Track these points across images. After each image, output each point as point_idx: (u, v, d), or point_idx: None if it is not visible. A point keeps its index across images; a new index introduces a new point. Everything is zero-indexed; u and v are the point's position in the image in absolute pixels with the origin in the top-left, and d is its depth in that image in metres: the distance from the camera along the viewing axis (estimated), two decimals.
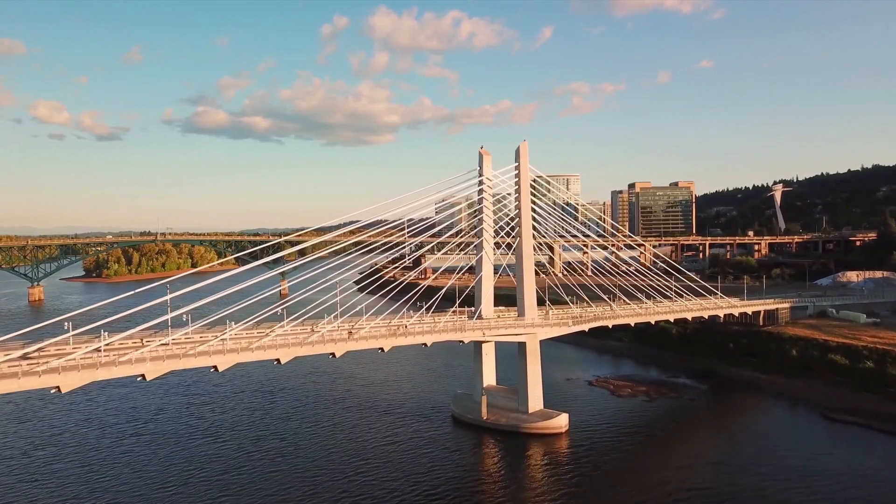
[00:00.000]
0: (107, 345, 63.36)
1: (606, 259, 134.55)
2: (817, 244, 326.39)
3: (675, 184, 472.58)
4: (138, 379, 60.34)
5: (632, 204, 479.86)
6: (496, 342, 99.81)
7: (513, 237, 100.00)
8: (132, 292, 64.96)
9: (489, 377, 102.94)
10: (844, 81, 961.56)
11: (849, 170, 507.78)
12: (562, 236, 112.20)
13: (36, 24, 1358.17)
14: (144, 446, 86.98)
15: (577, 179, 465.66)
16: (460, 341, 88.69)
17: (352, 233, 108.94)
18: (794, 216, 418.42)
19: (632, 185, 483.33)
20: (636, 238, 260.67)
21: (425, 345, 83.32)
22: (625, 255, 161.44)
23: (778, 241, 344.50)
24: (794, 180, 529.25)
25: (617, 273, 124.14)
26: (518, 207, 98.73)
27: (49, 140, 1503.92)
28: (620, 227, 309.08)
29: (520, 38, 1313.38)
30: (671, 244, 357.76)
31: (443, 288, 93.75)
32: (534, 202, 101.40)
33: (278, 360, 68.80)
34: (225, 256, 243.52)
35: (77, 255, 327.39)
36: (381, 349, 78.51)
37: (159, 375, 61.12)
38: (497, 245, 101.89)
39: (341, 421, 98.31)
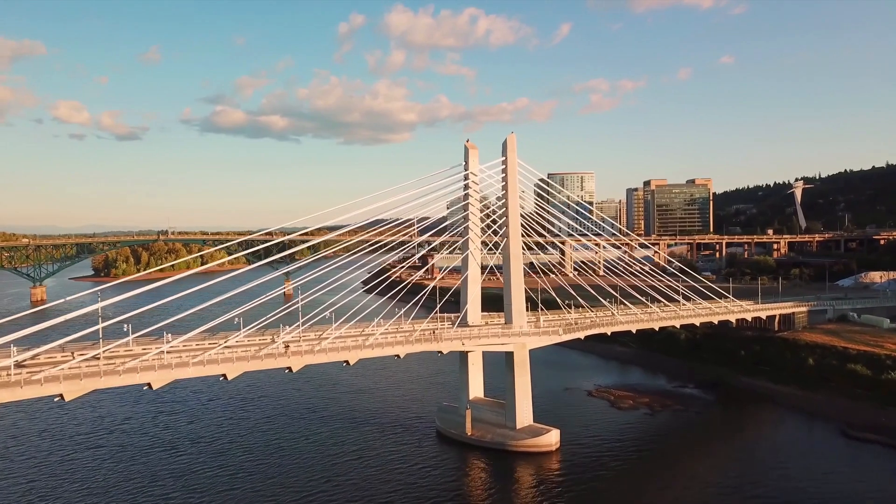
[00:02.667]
0: (32, 357, 57.33)
1: (611, 262, 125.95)
2: (839, 243, 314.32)
3: (692, 181, 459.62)
4: (55, 399, 53.99)
5: (647, 202, 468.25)
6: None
7: (500, 236, 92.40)
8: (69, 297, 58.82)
9: (476, 389, 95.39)
10: (868, 77, 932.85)
11: (873, 166, 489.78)
12: (556, 235, 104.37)
13: (56, 25, 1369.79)
14: (99, 460, 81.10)
15: (592, 177, 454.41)
16: (438, 352, 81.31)
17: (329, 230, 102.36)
18: (815, 214, 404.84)
19: (647, 183, 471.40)
20: (639, 238, 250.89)
21: (398, 356, 76.10)
22: (638, 254, 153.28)
23: (798, 239, 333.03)
24: (817, 177, 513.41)
25: (628, 273, 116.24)
26: (505, 205, 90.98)
27: (70, 140, 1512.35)
28: (623, 228, 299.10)
29: (537, 35, 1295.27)
30: (687, 243, 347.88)
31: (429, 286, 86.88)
32: (536, 201, 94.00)
33: (224, 375, 62.01)
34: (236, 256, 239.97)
35: (81, 255, 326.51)
36: (346, 362, 71.38)
37: (80, 396, 54.70)
38: (484, 244, 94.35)
39: (315, 433, 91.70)
